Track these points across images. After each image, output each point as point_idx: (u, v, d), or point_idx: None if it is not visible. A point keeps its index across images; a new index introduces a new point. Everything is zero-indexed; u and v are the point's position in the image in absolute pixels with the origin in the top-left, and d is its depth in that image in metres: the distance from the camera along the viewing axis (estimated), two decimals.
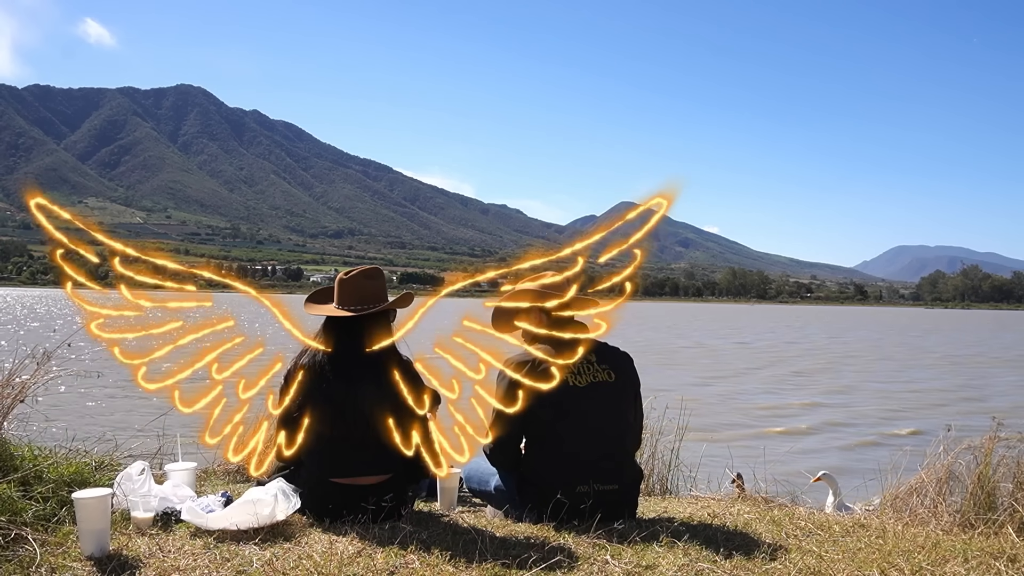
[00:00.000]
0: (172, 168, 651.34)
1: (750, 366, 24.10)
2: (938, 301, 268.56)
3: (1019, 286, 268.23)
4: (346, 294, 3.16)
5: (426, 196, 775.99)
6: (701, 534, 3.01)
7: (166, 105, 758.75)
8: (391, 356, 3.16)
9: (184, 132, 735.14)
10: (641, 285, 17.92)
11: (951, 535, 3.26)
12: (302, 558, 2.52)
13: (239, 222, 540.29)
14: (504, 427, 3.21)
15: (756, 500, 4.23)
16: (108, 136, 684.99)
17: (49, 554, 2.50)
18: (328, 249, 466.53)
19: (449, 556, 2.59)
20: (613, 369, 3.26)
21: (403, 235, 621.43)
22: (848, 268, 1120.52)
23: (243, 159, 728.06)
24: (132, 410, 11.35)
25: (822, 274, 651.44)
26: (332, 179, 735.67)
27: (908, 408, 15.18)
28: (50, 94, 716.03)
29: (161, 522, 2.91)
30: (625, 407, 3.28)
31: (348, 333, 3.13)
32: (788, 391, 17.63)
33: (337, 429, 3.04)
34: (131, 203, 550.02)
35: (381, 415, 3.09)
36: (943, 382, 20.67)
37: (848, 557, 2.78)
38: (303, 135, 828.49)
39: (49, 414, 3.75)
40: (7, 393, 3.29)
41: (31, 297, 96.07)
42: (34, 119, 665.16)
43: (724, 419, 12.75)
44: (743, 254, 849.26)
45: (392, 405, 3.09)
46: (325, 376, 3.05)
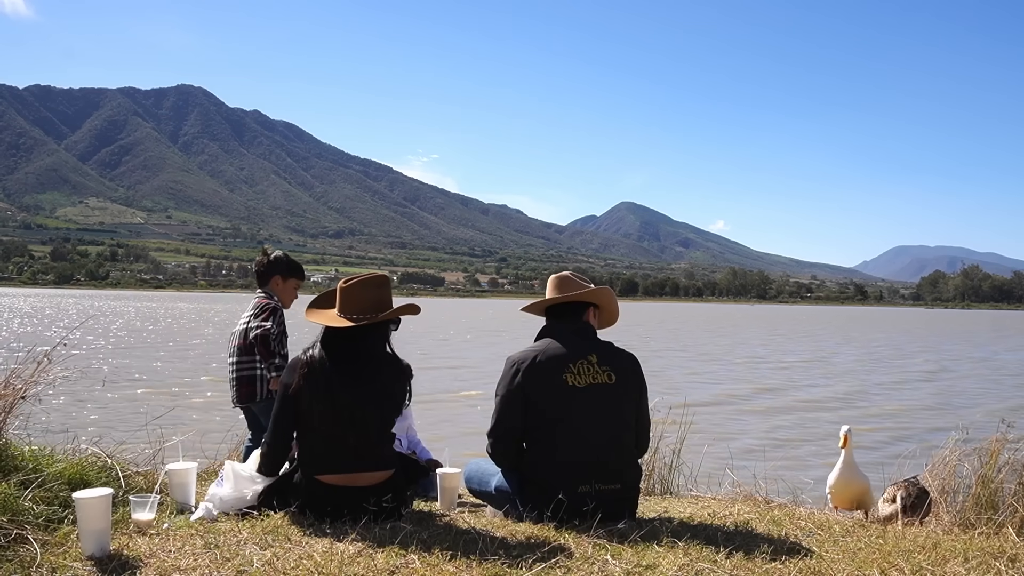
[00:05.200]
0: (172, 168, 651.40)
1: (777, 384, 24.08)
2: (938, 301, 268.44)
3: (1019, 286, 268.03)
4: (347, 302, 3.16)
5: (426, 196, 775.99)
6: (701, 534, 3.02)
7: (166, 105, 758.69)
8: (390, 361, 3.19)
9: (184, 132, 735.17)
10: (641, 285, 18.03)
11: (951, 535, 3.26)
12: (302, 558, 2.52)
13: (239, 222, 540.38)
14: (506, 424, 3.23)
15: (756, 500, 4.23)
16: (108, 136, 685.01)
17: (50, 554, 2.50)
18: (328, 249, 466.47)
19: (449, 556, 2.59)
20: (614, 371, 3.25)
21: (403, 235, 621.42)
22: (848, 268, 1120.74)
23: (243, 159, 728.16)
24: (133, 410, 11.35)
25: (822, 274, 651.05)
26: (332, 179, 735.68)
27: (923, 411, 15.18)
28: (50, 94, 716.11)
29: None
30: (625, 408, 3.28)
31: (349, 338, 3.14)
32: (805, 389, 17.63)
33: (337, 431, 3.05)
34: (131, 203, 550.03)
35: (380, 418, 3.12)
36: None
37: (848, 557, 2.78)
38: (303, 135, 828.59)
39: (49, 414, 3.75)
40: (8, 393, 3.29)
41: (31, 297, 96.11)
42: (34, 119, 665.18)
43: (725, 419, 12.75)
44: (743, 254, 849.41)
45: (391, 408, 3.15)
46: (325, 379, 3.06)
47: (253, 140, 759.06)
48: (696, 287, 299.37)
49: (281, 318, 4.31)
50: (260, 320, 4.22)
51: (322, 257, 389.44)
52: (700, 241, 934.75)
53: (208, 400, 12.66)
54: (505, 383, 3.23)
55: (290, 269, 4.49)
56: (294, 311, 4.43)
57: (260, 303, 4.34)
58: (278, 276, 4.45)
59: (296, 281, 4.51)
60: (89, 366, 16.08)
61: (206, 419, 9.82)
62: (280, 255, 4.52)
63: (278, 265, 4.46)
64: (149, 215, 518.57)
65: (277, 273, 4.45)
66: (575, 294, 3.38)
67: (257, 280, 4.49)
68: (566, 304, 3.38)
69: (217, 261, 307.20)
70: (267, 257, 4.49)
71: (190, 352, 24.36)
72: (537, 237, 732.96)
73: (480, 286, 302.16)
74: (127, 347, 25.18)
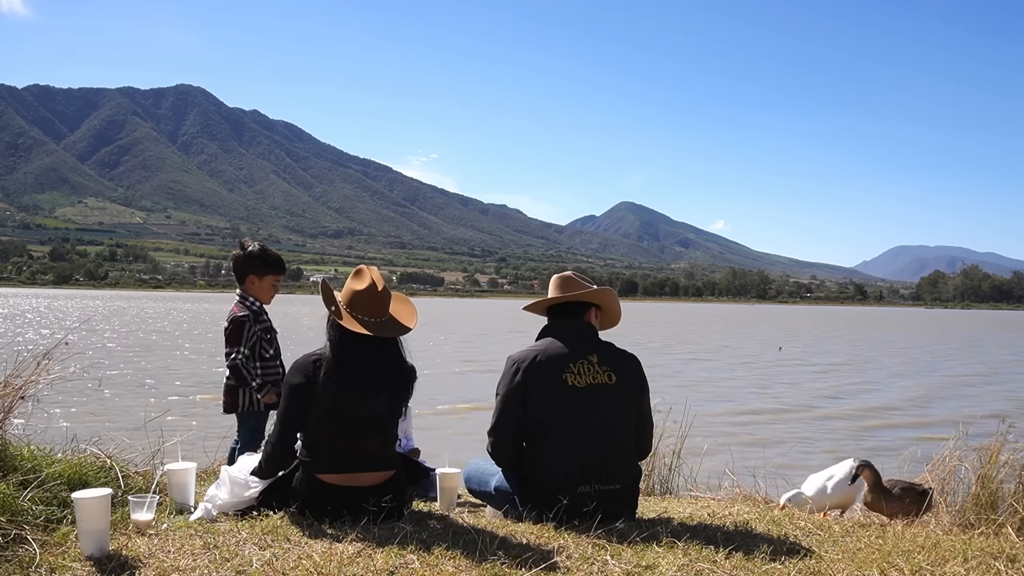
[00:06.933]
0: (172, 168, 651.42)
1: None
2: (938, 301, 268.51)
3: (1019, 286, 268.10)
4: (361, 305, 3.12)
5: (426, 196, 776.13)
6: (701, 534, 3.01)
7: (166, 105, 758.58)
8: (397, 361, 3.19)
9: (184, 132, 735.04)
10: (641, 285, 18.03)
11: (951, 535, 3.26)
12: (302, 558, 2.52)
13: (239, 222, 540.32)
14: (506, 423, 3.23)
15: (756, 500, 4.23)
16: (108, 136, 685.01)
17: (49, 554, 2.50)
18: (328, 249, 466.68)
19: (449, 556, 2.59)
20: (614, 371, 3.25)
21: (403, 235, 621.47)
22: (848, 268, 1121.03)
23: (243, 159, 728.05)
24: (132, 410, 11.35)
25: (822, 274, 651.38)
26: (332, 179, 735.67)
27: (926, 409, 15.18)
28: (50, 94, 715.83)
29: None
30: (625, 409, 3.28)
31: (359, 340, 3.11)
32: (803, 393, 17.63)
33: (343, 431, 3.05)
34: (131, 203, 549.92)
35: (385, 418, 3.11)
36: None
37: (848, 557, 2.78)
38: (303, 135, 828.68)
39: (49, 414, 3.74)
40: (7, 393, 3.29)
41: (31, 298, 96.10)
42: (34, 119, 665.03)
43: (725, 420, 12.75)
44: (743, 254, 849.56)
45: (395, 409, 3.16)
46: (333, 380, 3.05)
47: (252, 140, 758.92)
48: (696, 287, 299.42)
49: (252, 329, 4.00)
50: (226, 347, 3.96)
51: (321, 257, 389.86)
52: (700, 241, 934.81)
53: (207, 400, 12.65)
54: (505, 382, 3.23)
55: (265, 265, 4.10)
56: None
57: (231, 311, 4.03)
58: (252, 275, 4.09)
59: (274, 278, 4.14)
60: (89, 366, 16.06)
61: (205, 419, 9.83)
62: (255, 249, 4.13)
63: (251, 263, 4.09)
64: (148, 215, 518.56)
65: (251, 272, 4.09)
66: (577, 294, 3.38)
67: (235, 277, 4.12)
68: (568, 304, 3.38)
69: (216, 261, 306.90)
70: (243, 252, 4.13)
71: (190, 352, 24.35)
72: (537, 237, 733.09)
73: (480, 286, 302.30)
74: (127, 347, 25.17)
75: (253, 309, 4.07)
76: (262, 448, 3.29)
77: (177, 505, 3.27)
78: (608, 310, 3.48)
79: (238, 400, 4.03)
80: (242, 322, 3.98)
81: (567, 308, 3.39)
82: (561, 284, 3.43)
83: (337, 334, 3.12)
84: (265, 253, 4.14)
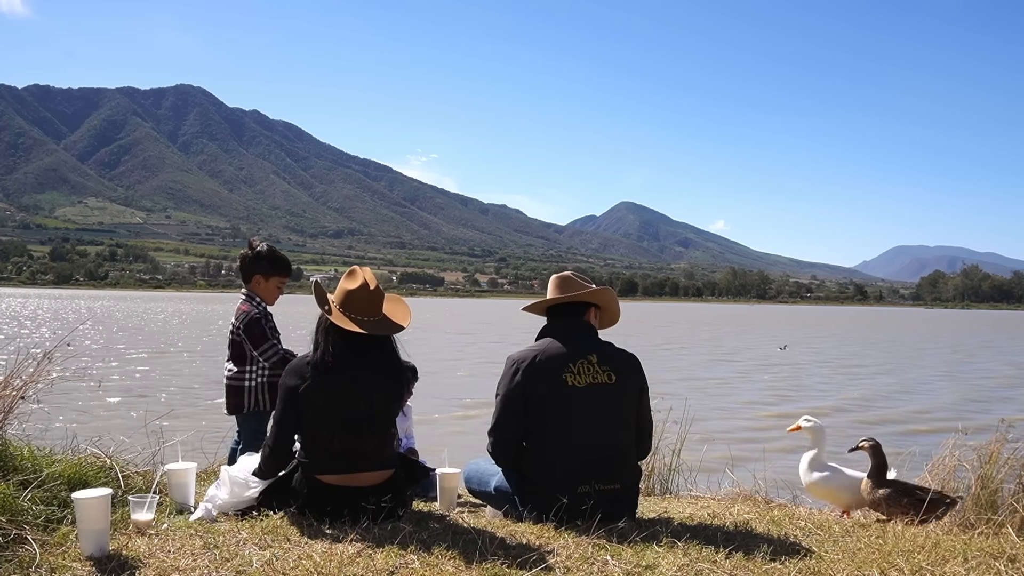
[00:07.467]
0: (172, 168, 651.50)
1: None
2: (938, 301, 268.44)
3: (1019, 286, 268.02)
4: (355, 304, 3.12)
5: (425, 196, 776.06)
6: (701, 534, 3.01)
7: (166, 105, 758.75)
8: (394, 361, 3.19)
9: (184, 132, 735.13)
10: (641, 285, 17.99)
11: (951, 535, 3.26)
12: (302, 558, 2.52)
13: (239, 222, 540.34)
14: (506, 423, 3.23)
15: (756, 500, 4.23)
16: (108, 136, 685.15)
17: (49, 554, 2.50)
18: (328, 249, 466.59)
19: (449, 556, 2.59)
20: (614, 371, 3.25)
21: (403, 235, 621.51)
22: (848, 268, 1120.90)
23: (243, 159, 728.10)
24: (132, 410, 11.36)
25: (822, 274, 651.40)
26: (332, 179, 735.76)
27: (928, 411, 15.18)
28: (50, 94, 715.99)
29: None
30: (625, 408, 3.28)
31: (356, 339, 3.11)
32: (802, 393, 17.63)
33: (342, 431, 3.04)
34: (131, 203, 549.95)
35: (384, 418, 3.11)
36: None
37: (848, 557, 2.78)
38: (303, 135, 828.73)
39: (49, 414, 3.74)
40: (7, 393, 3.29)
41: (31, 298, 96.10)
42: (34, 119, 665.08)
43: (725, 419, 12.75)
44: (743, 254, 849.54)
45: (395, 408, 3.17)
46: (331, 380, 3.05)
47: (252, 140, 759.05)
48: (696, 287, 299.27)
49: (268, 323, 4.03)
50: (255, 349, 3.95)
51: (321, 257, 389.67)
52: (700, 241, 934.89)
53: (207, 400, 12.65)
54: (505, 382, 3.23)
55: (273, 266, 4.11)
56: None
57: (241, 311, 4.03)
58: (259, 275, 4.09)
59: (280, 279, 4.14)
60: (89, 366, 16.09)
61: (205, 419, 9.83)
62: (263, 250, 4.13)
63: (259, 263, 4.09)
64: (148, 215, 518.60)
65: (257, 272, 4.09)
66: (576, 294, 3.38)
67: (241, 276, 4.14)
68: (567, 304, 3.38)
69: (216, 261, 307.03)
70: (251, 251, 4.12)
71: (190, 352, 24.35)
72: (537, 237, 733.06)
73: (479, 286, 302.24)
74: (127, 347, 25.17)
75: (259, 308, 4.09)
76: (262, 448, 3.29)
77: (177, 505, 3.28)
78: (607, 310, 3.49)
79: (243, 401, 4.03)
80: (257, 318, 3.99)
81: (566, 308, 3.38)
82: (560, 284, 3.43)
83: (330, 334, 3.11)
84: (273, 254, 4.16)
